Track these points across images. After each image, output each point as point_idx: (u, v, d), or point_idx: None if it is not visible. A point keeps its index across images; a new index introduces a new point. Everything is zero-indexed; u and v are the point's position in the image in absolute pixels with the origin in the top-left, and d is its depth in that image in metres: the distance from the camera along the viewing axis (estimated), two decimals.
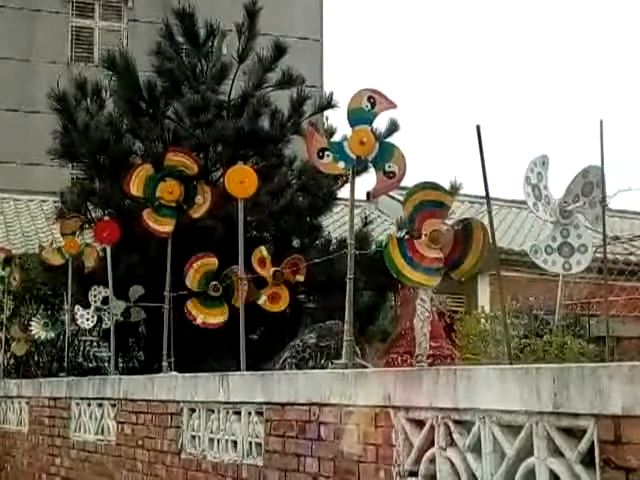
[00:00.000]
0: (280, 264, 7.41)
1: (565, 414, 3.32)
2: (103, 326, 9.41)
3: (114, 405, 7.78)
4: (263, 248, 7.31)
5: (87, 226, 10.26)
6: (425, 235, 4.98)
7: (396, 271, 5.03)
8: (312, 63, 21.07)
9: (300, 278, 7.58)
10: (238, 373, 6.11)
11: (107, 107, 10.92)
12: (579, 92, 54.88)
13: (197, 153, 9.59)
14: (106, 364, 10.66)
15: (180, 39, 10.78)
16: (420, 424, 4.12)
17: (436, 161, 39.53)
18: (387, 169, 5.40)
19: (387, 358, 7.91)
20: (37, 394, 9.70)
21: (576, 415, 3.28)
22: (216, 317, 7.49)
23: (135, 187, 8.10)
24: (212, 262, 7.46)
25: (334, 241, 10.60)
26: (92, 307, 9.22)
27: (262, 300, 7.32)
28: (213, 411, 6.13)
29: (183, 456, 6.47)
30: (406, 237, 5.13)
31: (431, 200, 5.02)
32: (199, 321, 7.50)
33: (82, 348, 12.01)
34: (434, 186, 5.13)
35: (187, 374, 6.82)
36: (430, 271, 5.02)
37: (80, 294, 9.64)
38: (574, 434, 3.35)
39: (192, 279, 7.44)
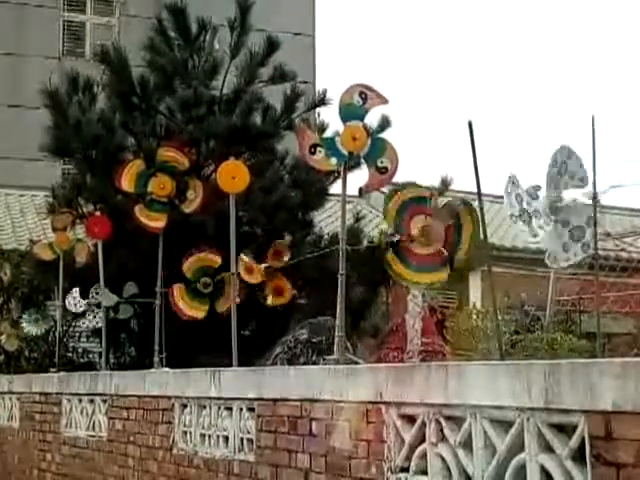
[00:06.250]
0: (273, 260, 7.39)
1: (556, 410, 3.33)
2: (94, 324, 9.38)
3: (105, 401, 7.77)
4: (243, 256, 7.19)
5: (78, 221, 10.22)
6: (417, 231, 4.96)
7: (405, 280, 5.02)
8: (304, 59, 21.02)
9: (285, 259, 7.52)
10: (230, 369, 6.11)
11: (99, 102, 10.88)
12: (571, 85, 54.99)
13: (189, 148, 9.55)
14: (97, 359, 10.64)
15: (172, 34, 10.75)
16: (411, 420, 4.13)
17: (428, 156, 39.58)
18: (379, 165, 5.39)
19: (379, 354, 7.94)
20: (28, 390, 9.68)
21: (567, 411, 3.29)
22: (195, 311, 7.50)
23: (127, 182, 8.10)
24: (214, 261, 7.45)
25: (326, 237, 10.59)
26: (84, 302, 9.20)
27: (269, 300, 7.33)
28: (205, 407, 6.13)
29: (175, 452, 6.46)
30: (396, 238, 5.10)
31: (413, 197, 5.01)
32: (180, 306, 7.50)
33: (73, 343, 11.98)
34: (413, 184, 5.15)
35: (179, 370, 6.82)
36: (431, 268, 4.98)
37: (71, 290, 9.60)
38: (565, 430, 3.35)
39: (189, 266, 7.46)
